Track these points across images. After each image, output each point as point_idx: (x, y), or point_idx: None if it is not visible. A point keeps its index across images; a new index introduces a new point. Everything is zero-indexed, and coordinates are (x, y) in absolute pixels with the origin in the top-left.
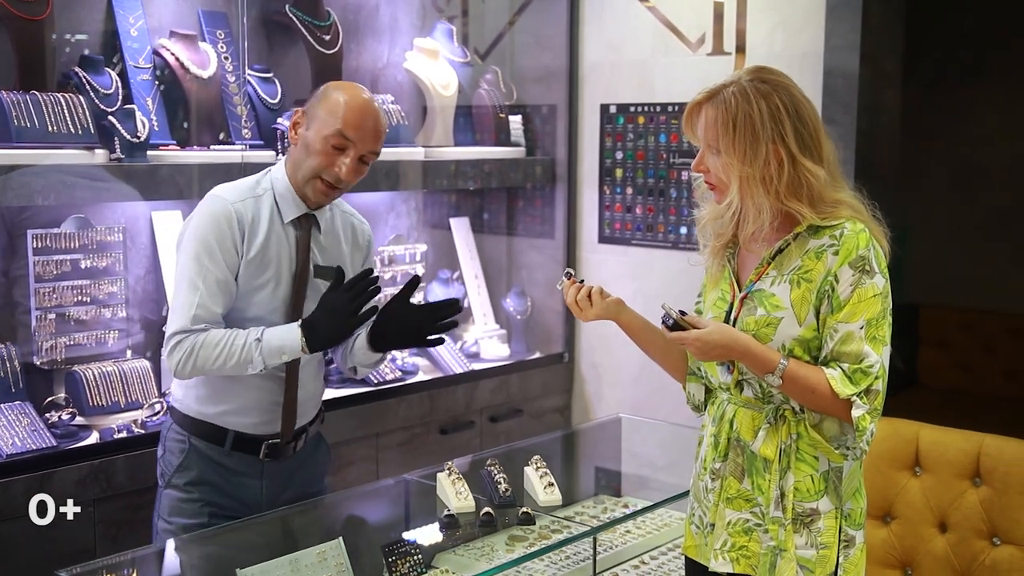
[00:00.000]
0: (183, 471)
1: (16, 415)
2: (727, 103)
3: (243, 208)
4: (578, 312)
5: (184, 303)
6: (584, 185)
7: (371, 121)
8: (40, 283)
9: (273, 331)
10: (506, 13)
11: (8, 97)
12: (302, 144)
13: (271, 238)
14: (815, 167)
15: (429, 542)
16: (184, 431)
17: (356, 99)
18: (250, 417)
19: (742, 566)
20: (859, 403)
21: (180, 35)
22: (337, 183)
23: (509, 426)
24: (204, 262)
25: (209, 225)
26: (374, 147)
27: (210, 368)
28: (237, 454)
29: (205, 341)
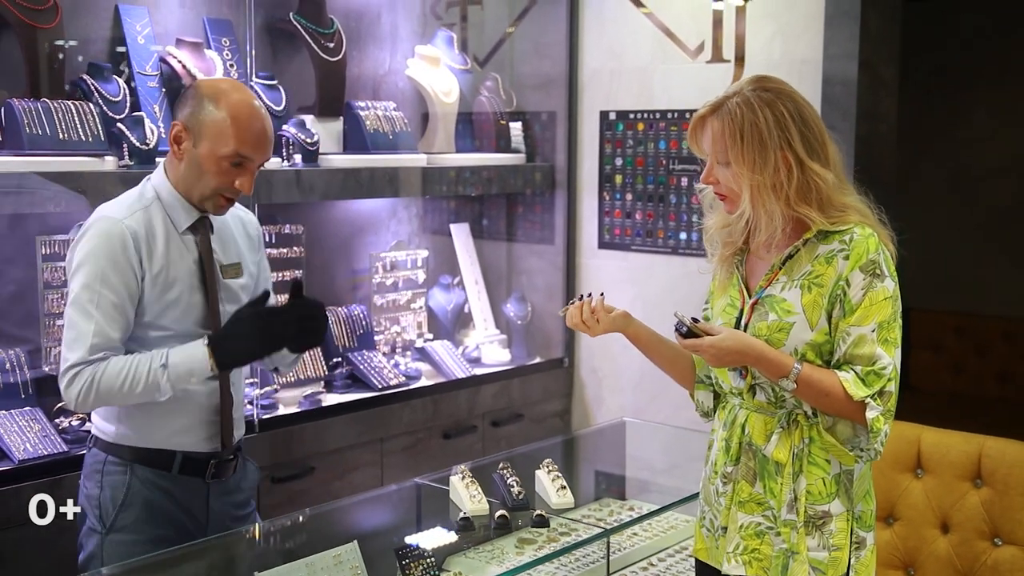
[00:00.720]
0: (127, 508)
1: (27, 421)
2: (732, 114)
3: (135, 224)
4: (586, 330)
5: (80, 333)
6: (584, 191)
7: (264, 132)
8: (49, 289)
9: (179, 354)
10: (505, 20)
11: (20, 105)
12: (191, 162)
13: (171, 251)
14: (823, 170)
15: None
16: (125, 461)
17: (244, 111)
18: (195, 434)
19: (754, 569)
20: (873, 405)
21: (186, 43)
22: (237, 198)
23: (510, 431)
24: (97, 288)
25: (101, 248)
26: (269, 155)
27: (114, 398)
28: (183, 478)
29: (107, 371)
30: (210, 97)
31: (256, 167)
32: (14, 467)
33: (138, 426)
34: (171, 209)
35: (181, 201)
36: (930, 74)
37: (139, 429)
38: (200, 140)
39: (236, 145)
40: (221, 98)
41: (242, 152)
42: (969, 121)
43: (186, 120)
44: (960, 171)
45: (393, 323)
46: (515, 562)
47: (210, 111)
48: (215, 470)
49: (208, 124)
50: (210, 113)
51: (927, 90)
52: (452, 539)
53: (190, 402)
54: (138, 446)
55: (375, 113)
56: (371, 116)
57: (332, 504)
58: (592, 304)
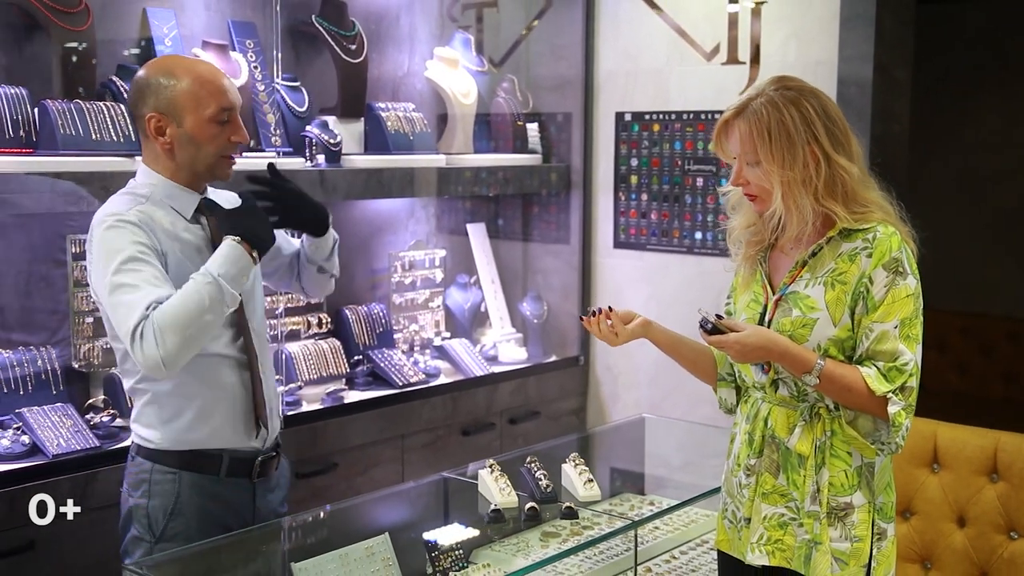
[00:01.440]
0: (177, 517)
1: (59, 416)
2: (759, 114)
3: (141, 216)
4: (609, 341)
5: (131, 304)
6: (599, 191)
7: (228, 80)
8: (78, 287)
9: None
10: (521, 22)
11: (54, 106)
12: (183, 142)
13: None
14: (848, 164)
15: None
16: (173, 468)
17: (202, 70)
18: (236, 428)
19: (777, 559)
20: (895, 400)
21: (212, 45)
22: (238, 151)
23: (528, 428)
24: (130, 266)
25: (122, 236)
26: (241, 101)
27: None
28: (231, 480)
29: (164, 312)
30: (164, 75)
31: (238, 116)
32: (49, 461)
33: (180, 428)
34: (173, 199)
35: (181, 189)
36: (939, 76)
37: (181, 431)
38: (182, 117)
39: (216, 101)
40: (174, 70)
41: (224, 105)
42: (977, 123)
43: (156, 107)
44: (968, 172)
45: (411, 321)
46: (541, 554)
47: (173, 86)
48: (260, 468)
49: (180, 97)
50: (175, 88)
51: (936, 92)
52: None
53: (225, 394)
54: (183, 450)
55: (395, 114)
56: (392, 117)
57: (362, 497)
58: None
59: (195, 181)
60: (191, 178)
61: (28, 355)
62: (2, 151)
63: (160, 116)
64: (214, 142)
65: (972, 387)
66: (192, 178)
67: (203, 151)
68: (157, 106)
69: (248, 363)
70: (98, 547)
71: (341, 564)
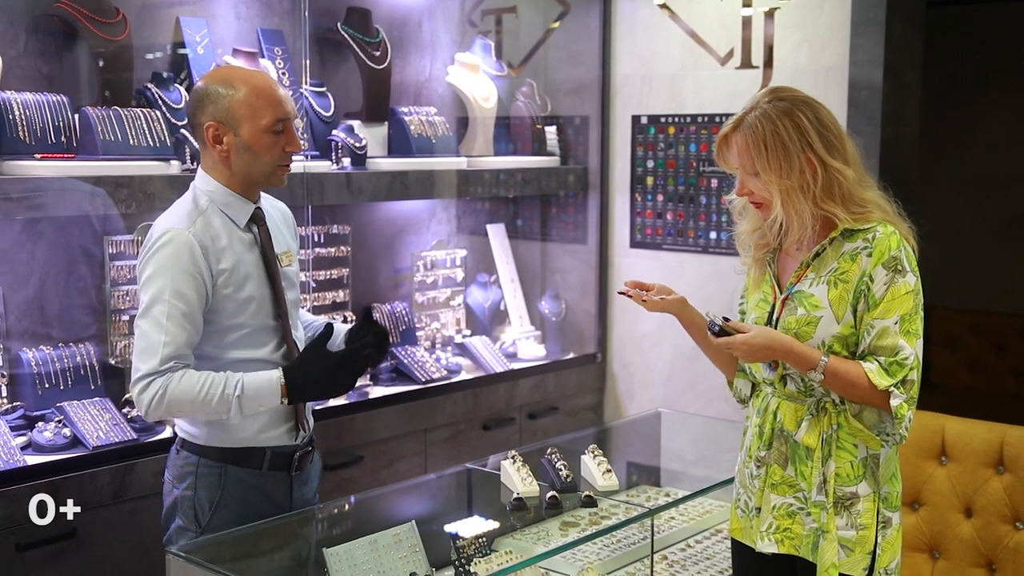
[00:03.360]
0: (222, 508)
1: (98, 410)
2: (754, 127)
3: (199, 231)
4: (642, 303)
5: (151, 344)
6: (616, 192)
7: (283, 91)
8: (115, 287)
9: (253, 385)
10: (540, 28)
11: (94, 112)
12: (240, 150)
13: (236, 249)
14: (843, 167)
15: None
16: (218, 463)
17: (258, 80)
18: (278, 428)
19: (786, 547)
20: (896, 393)
21: (242, 52)
22: (292, 159)
23: (546, 423)
24: (167, 299)
25: (169, 260)
26: (296, 112)
27: (183, 411)
28: (271, 474)
29: (180, 384)
30: (223, 85)
31: (292, 126)
32: (89, 453)
33: (225, 427)
34: (228, 207)
35: (236, 197)
36: (947, 80)
37: (228, 430)
38: (239, 126)
39: (272, 112)
40: (232, 80)
41: (278, 116)
42: (985, 125)
43: (214, 116)
44: (979, 174)
45: (433, 319)
46: (561, 542)
47: (231, 96)
48: (298, 463)
49: (237, 107)
50: (232, 97)
51: (948, 94)
52: (502, 520)
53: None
54: (229, 446)
55: (418, 118)
56: (415, 121)
57: (390, 487)
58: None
59: (250, 189)
60: (246, 186)
61: (68, 352)
62: (45, 156)
63: (218, 125)
64: (270, 151)
65: (984, 384)
66: (247, 186)
67: (259, 160)
68: (215, 115)
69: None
70: (137, 535)
71: (370, 549)
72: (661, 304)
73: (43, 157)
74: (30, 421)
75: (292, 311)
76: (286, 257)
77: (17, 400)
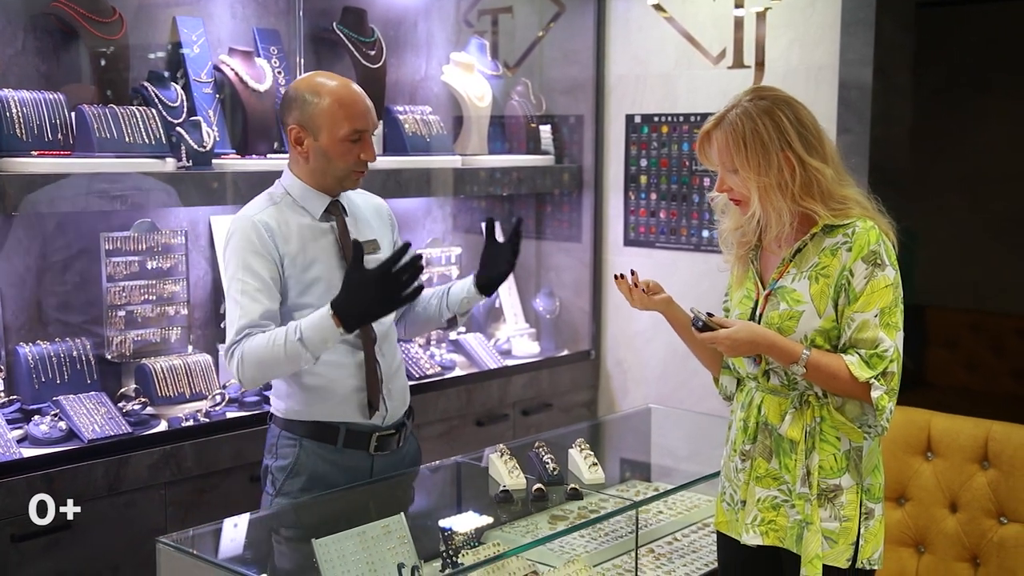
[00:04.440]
0: (294, 477)
1: (94, 404)
2: (734, 125)
3: (266, 217)
4: (629, 300)
5: (232, 319)
6: (610, 191)
7: (367, 103)
8: (111, 283)
9: (310, 325)
10: (535, 28)
11: (91, 110)
12: (317, 154)
13: (305, 236)
14: (822, 165)
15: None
16: (295, 435)
17: (344, 92)
18: (350, 406)
19: (771, 539)
20: (877, 385)
21: (238, 51)
22: (366, 168)
23: (540, 419)
24: (240, 276)
25: (240, 242)
26: (376, 121)
27: (265, 369)
28: (349, 451)
29: (251, 345)
30: (310, 92)
31: (370, 136)
32: (85, 446)
33: (302, 401)
34: (304, 200)
35: (312, 192)
36: (945, 79)
37: (303, 404)
38: (319, 132)
39: (350, 124)
40: (319, 89)
41: (356, 127)
42: (984, 125)
43: (298, 120)
44: (977, 173)
45: None
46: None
47: (316, 103)
48: (377, 443)
49: (319, 116)
50: (316, 106)
51: (944, 94)
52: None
53: (342, 375)
54: (306, 420)
55: (413, 117)
56: (410, 120)
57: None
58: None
59: (325, 188)
60: (323, 185)
61: (64, 346)
62: (42, 153)
63: (300, 128)
64: (344, 158)
65: (981, 384)
66: (323, 185)
67: (334, 165)
68: (298, 119)
69: (364, 347)
70: (131, 528)
71: (359, 541)
72: (647, 302)
73: (40, 154)
74: (26, 414)
75: None
76: (369, 245)
77: (14, 394)
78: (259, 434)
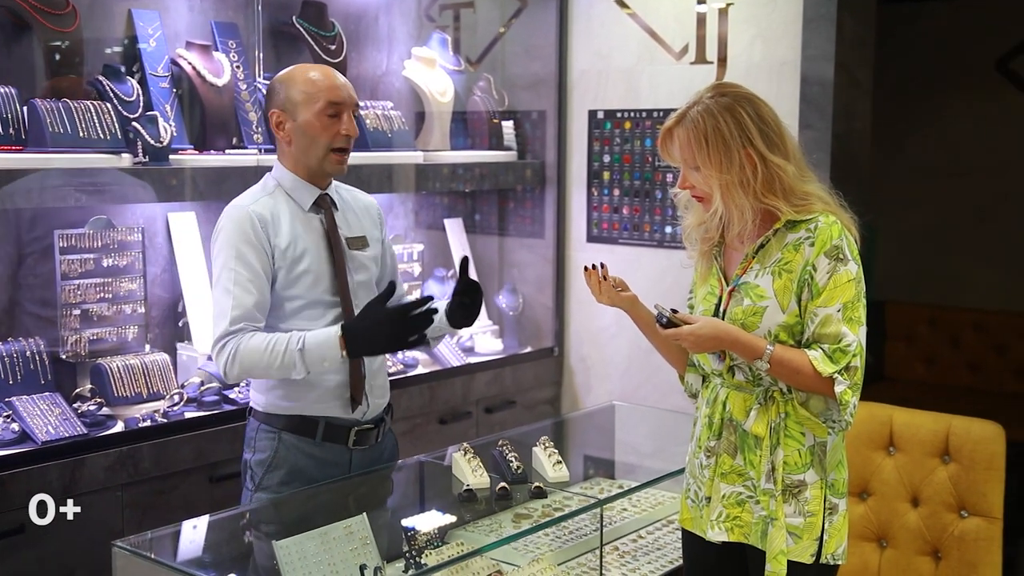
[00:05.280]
0: (273, 470)
1: (48, 405)
2: (695, 122)
3: (260, 208)
4: (595, 296)
5: (223, 309)
6: (573, 187)
7: (342, 79)
8: (66, 280)
9: (314, 340)
10: (497, 23)
11: (43, 104)
12: (298, 134)
13: (297, 228)
14: (783, 162)
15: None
16: (274, 428)
17: (318, 71)
18: (333, 401)
19: (736, 535)
20: (840, 379)
21: (195, 45)
22: (347, 144)
23: (503, 417)
24: (232, 266)
25: (233, 232)
26: (356, 99)
27: (255, 371)
28: (327, 445)
29: (248, 344)
30: (286, 78)
31: (351, 111)
32: (38, 448)
33: (284, 395)
34: (294, 192)
35: (302, 183)
36: (905, 75)
37: (285, 398)
38: (297, 112)
39: (326, 96)
40: (294, 73)
41: (333, 99)
42: (942, 121)
43: (278, 104)
44: (935, 169)
45: None
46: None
47: (292, 85)
48: (356, 438)
49: (295, 95)
50: (292, 87)
51: (903, 91)
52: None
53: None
54: (285, 414)
55: (374, 112)
56: (371, 115)
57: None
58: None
59: (312, 175)
60: (308, 172)
61: (17, 346)
62: None
63: (279, 112)
64: (324, 133)
65: (939, 377)
66: (308, 172)
67: (315, 144)
68: (277, 104)
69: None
70: (87, 530)
71: (321, 542)
72: (614, 298)
73: None
74: None
75: (360, 291)
76: (358, 242)
77: None
78: (219, 434)
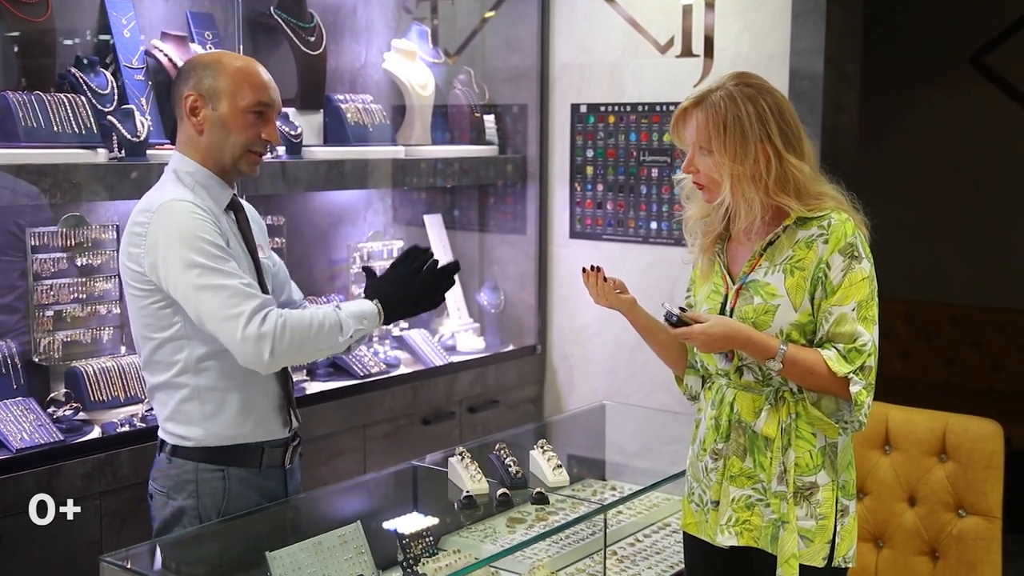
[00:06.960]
0: (228, 514)
1: (21, 411)
2: (716, 106)
3: (192, 199)
4: (593, 298)
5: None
6: (555, 182)
7: (272, 81)
8: (38, 281)
9: (350, 307)
10: (476, 14)
11: (15, 98)
12: (214, 125)
13: (223, 226)
14: (799, 162)
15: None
16: (219, 466)
17: (250, 65)
18: (274, 419)
19: (746, 539)
20: (856, 379)
21: (171, 36)
22: (264, 150)
23: (487, 416)
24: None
25: (192, 223)
26: (281, 106)
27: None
28: (268, 471)
29: (292, 316)
30: (212, 61)
31: (274, 116)
32: (12, 456)
33: (223, 423)
34: (209, 189)
35: (215, 179)
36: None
37: (225, 426)
38: (218, 101)
39: (255, 94)
40: (222, 60)
41: (262, 99)
42: (920, 117)
43: (195, 87)
44: (911, 164)
45: None
46: (510, 540)
47: (217, 71)
48: (290, 455)
49: (221, 83)
50: (220, 73)
51: (881, 85)
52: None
53: (262, 387)
54: (228, 444)
55: (354, 106)
56: (351, 109)
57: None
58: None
59: (223, 172)
60: (219, 167)
61: None
62: None
63: (197, 96)
64: (245, 132)
65: (914, 372)
66: (219, 168)
67: (232, 140)
68: (197, 87)
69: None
70: (66, 541)
71: (314, 552)
72: (612, 300)
73: None
74: None
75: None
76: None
77: None
78: None
